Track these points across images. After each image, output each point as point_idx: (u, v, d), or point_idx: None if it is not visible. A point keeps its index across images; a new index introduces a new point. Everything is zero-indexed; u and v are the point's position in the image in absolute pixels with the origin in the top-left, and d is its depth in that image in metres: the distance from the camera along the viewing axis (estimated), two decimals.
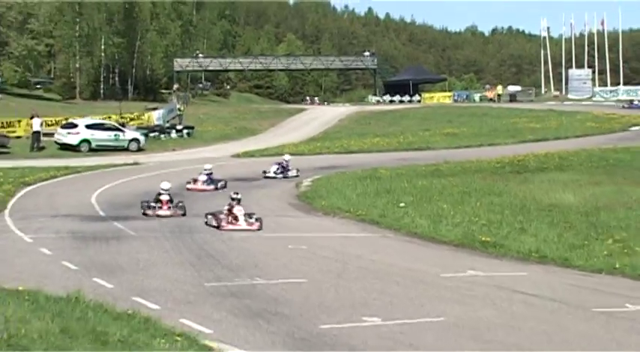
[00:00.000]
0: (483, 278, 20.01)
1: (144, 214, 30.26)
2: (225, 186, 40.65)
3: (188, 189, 39.51)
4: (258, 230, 27.29)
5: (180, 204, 31.25)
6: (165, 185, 32.40)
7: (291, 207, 35.34)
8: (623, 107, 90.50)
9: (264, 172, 46.48)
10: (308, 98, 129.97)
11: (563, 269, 21.49)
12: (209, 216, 28.65)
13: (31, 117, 62.10)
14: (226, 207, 28.48)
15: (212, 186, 40.27)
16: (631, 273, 20.29)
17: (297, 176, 45.76)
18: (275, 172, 46.00)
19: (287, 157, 47.89)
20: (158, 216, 29.97)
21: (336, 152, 63.29)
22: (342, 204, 33.93)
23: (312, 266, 21.49)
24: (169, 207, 30.67)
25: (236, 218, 27.78)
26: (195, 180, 40.81)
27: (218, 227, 27.47)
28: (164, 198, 30.84)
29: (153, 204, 30.86)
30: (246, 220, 27.82)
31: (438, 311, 16.18)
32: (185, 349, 11.20)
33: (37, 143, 60.22)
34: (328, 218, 31.84)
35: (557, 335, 14.45)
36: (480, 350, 13.45)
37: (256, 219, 28.08)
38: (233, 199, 28.57)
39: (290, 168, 46.85)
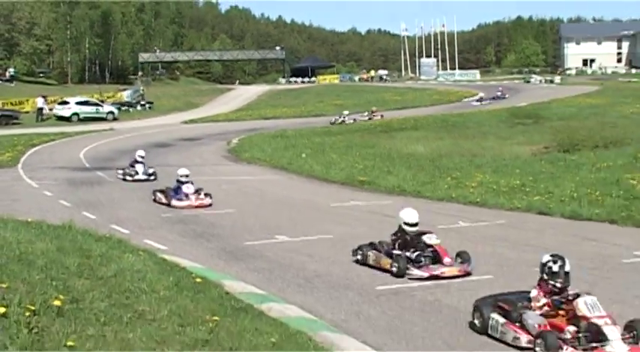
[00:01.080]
0: (361, 206, 20.16)
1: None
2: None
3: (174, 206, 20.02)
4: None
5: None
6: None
7: (224, 158, 35.31)
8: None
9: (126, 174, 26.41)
10: (292, 79, 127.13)
11: (417, 198, 21.67)
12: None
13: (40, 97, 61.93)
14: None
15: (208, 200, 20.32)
16: (463, 200, 20.57)
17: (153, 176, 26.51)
18: (145, 173, 26.24)
19: (142, 153, 27.14)
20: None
21: (256, 118, 63.12)
22: (261, 155, 33.98)
23: (239, 200, 21.47)
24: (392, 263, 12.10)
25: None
26: (181, 194, 20.51)
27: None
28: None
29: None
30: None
31: (329, 230, 16.26)
32: (147, 260, 11.12)
33: (40, 116, 59.63)
34: (250, 165, 31.86)
35: None
36: None
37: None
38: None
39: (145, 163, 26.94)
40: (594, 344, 8.04)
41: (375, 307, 10.26)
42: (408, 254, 12.12)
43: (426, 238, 12.25)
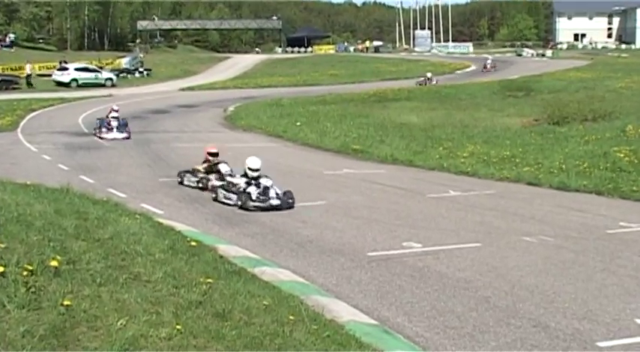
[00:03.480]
0: (354, 174, 20.16)
1: None
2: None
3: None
4: None
5: None
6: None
7: (220, 125, 35.29)
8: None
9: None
10: (289, 49, 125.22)
11: (409, 167, 21.75)
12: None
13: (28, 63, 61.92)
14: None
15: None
16: (454, 170, 20.59)
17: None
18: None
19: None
20: None
21: (252, 87, 63.00)
22: (256, 123, 33.94)
23: (234, 167, 21.38)
24: None
25: None
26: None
27: None
28: None
29: None
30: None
31: (322, 197, 16.27)
32: (143, 224, 11.11)
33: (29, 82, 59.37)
34: (246, 133, 31.85)
35: (402, 212, 14.64)
36: (350, 222, 13.56)
37: None
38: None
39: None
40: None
41: (365, 272, 10.28)
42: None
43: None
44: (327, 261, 10.93)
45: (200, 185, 17.06)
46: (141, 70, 73.34)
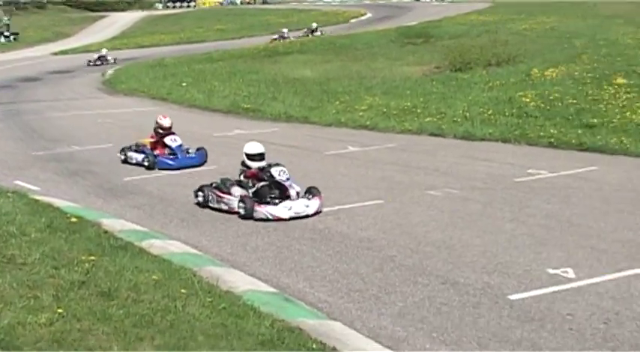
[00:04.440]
0: (245, 135, 20.03)
1: None
2: None
3: None
4: None
5: None
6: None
7: (98, 90, 34.66)
8: None
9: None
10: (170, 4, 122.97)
11: (304, 124, 21.82)
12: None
13: None
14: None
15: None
16: (352, 125, 20.73)
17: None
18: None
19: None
20: None
21: (132, 47, 61.95)
22: (138, 86, 33.53)
23: (115, 134, 21.05)
24: None
25: None
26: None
27: None
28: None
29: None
30: None
31: (212, 161, 16.23)
32: (16, 202, 10.89)
33: None
34: (127, 97, 31.38)
35: (299, 171, 14.58)
36: None
37: None
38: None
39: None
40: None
41: (262, 238, 10.30)
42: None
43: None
44: (220, 228, 10.91)
45: None
46: (6, 34, 71.38)
